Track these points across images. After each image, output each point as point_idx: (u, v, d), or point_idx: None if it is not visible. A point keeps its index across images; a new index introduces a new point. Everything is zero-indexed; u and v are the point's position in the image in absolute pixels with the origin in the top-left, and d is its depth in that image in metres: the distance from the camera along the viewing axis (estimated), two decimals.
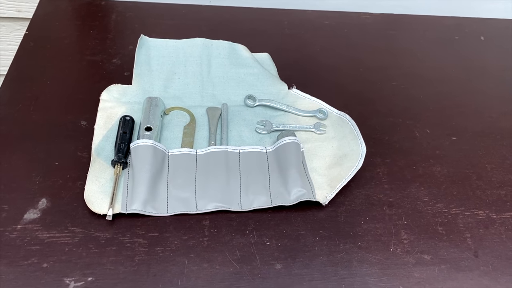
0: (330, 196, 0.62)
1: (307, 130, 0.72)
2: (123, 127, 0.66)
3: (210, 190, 0.62)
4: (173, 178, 0.63)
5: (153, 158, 0.62)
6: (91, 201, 0.58)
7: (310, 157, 0.68)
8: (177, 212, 0.59)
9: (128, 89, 0.74)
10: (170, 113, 0.72)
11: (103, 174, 0.62)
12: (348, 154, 0.68)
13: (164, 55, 0.78)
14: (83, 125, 0.69)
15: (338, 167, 0.66)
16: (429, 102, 0.81)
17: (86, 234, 0.56)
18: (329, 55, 0.89)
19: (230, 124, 0.72)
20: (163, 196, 0.61)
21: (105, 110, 0.70)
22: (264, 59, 0.84)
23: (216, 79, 0.77)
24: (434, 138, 0.75)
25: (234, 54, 0.79)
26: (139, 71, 0.76)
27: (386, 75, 0.86)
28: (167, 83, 0.76)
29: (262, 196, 0.62)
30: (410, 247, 0.60)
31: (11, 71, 0.76)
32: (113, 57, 0.81)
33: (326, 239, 0.59)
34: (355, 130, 0.70)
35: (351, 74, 0.85)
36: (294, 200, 0.61)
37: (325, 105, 0.76)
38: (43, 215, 0.58)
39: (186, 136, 0.69)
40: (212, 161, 0.65)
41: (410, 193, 0.66)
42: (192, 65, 0.78)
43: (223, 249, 0.57)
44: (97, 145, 0.65)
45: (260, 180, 0.64)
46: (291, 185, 0.62)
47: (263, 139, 0.70)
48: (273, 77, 0.79)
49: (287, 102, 0.76)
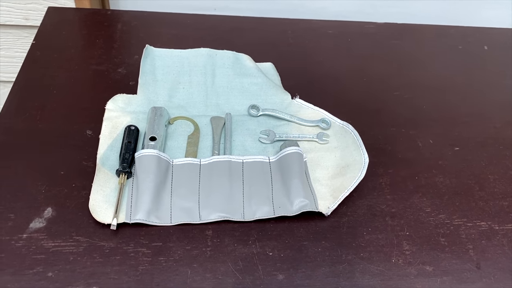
0: (332, 207, 0.63)
1: (310, 139, 0.73)
2: (128, 137, 0.67)
3: (213, 200, 0.62)
4: (176, 188, 0.63)
5: (157, 168, 0.63)
6: (95, 210, 0.59)
7: (313, 167, 0.69)
8: (180, 222, 0.60)
9: (133, 98, 0.74)
10: (175, 123, 0.73)
11: (108, 183, 0.63)
12: (351, 164, 0.68)
13: (169, 65, 0.79)
14: (88, 135, 0.70)
15: (340, 178, 0.67)
16: (432, 112, 0.81)
17: (90, 243, 0.57)
18: (333, 64, 0.89)
19: (234, 134, 0.72)
20: (167, 206, 0.61)
21: (110, 120, 0.71)
22: (268, 68, 0.84)
23: (220, 88, 0.78)
24: (437, 148, 0.75)
25: (238, 64, 0.80)
26: (144, 81, 0.77)
27: (389, 85, 0.86)
28: (171, 92, 0.77)
29: (265, 206, 0.62)
30: (412, 258, 0.60)
31: (18, 80, 0.77)
32: (118, 66, 0.82)
33: (329, 250, 0.59)
34: (358, 140, 0.71)
35: (354, 83, 0.85)
36: (296, 211, 0.62)
37: (328, 115, 0.76)
38: (49, 224, 0.58)
39: (190, 146, 0.69)
40: (216, 170, 0.65)
41: (413, 204, 0.66)
42: (197, 74, 0.79)
43: (226, 259, 0.57)
44: (102, 155, 0.65)
45: (263, 190, 0.64)
46: (294, 196, 0.63)
47: (266, 148, 0.71)
48: (276, 87, 0.79)
49: (291, 112, 0.77)
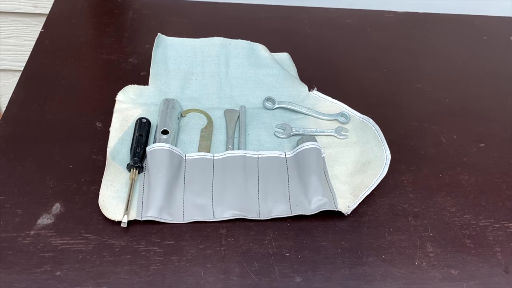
0: (352, 206, 0.60)
1: (328, 134, 0.70)
2: (139, 130, 0.64)
3: (227, 196, 0.60)
4: (189, 184, 0.61)
5: (169, 162, 0.60)
6: (105, 207, 0.57)
7: (331, 163, 0.66)
8: (193, 220, 0.57)
9: (144, 90, 0.72)
10: (187, 115, 0.70)
11: (118, 178, 0.60)
12: (372, 160, 0.65)
13: (181, 55, 0.76)
14: (98, 127, 0.67)
15: (361, 175, 0.63)
16: (455, 106, 0.78)
17: (100, 241, 0.55)
18: (351, 55, 0.86)
19: (248, 128, 0.69)
20: (179, 203, 0.59)
21: (121, 112, 0.68)
22: (283, 59, 0.81)
23: (234, 80, 0.75)
24: (461, 144, 0.71)
25: (253, 54, 0.77)
26: (156, 71, 0.74)
27: (410, 77, 0.82)
28: (184, 83, 0.74)
29: (281, 204, 0.59)
30: (437, 261, 0.57)
31: (26, 70, 0.75)
32: (129, 56, 0.80)
33: (348, 251, 0.56)
34: (379, 136, 0.68)
35: (374, 75, 0.82)
36: (314, 210, 0.59)
37: (347, 108, 0.73)
38: (57, 220, 0.56)
39: (203, 140, 0.67)
40: (230, 166, 0.63)
41: (436, 203, 0.63)
42: (210, 65, 0.76)
43: (241, 260, 0.55)
44: (112, 148, 0.63)
45: (279, 187, 0.61)
46: (312, 193, 0.60)
47: (282, 143, 0.68)
48: (293, 78, 0.76)
49: (308, 105, 0.73)
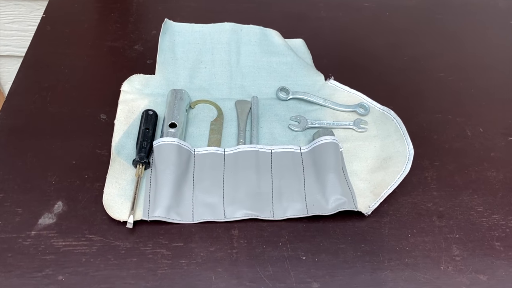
0: (373, 206, 0.56)
1: (346, 127, 0.65)
2: (146, 123, 0.61)
3: (239, 195, 0.56)
4: (199, 181, 0.57)
5: (177, 158, 0.57)
6: (110, 206, 0.53)
7: (349, 158, 0.62)
8: (203, 220, 0.54)
9: (151, 79, 0.68)
10: (196, 107, 0.66)
11: (124, 175, 0.57)
12: (393, 156, 0.61)
13: (189, 42, 0.72)
14: (102, 119, 0.64)
15: (382, 172, 0.59)
16: (481, 96, 0.73)
17: (104, 243, 0.51)
18: (370, 41, 0.81)
19: (261, 120, 0.65)
20: (189, 201, 0.55)
21: (126, 103, 0.64)
22: (298, 46, 0.77)
23: (245, 68, 0.71)
24: (488, 138, 0.67)
25: (266, 41, 0.73)
26: (163, 59, 0.70)
27: (433, 65, 0.77)
28: (193, 72, 0.70)
29: (297, 204, 0.56)
30: (464, 265, 0.53)
31: (27, 58, 0.71)
32: (135, 43, 0.76)
33: (369, 255, 0.53)
34: (401, 129, 0.63)
35: (394, 63, 0.77)
36: (332, 210, 0.55)
37: (366, 98, 0.69)
38: (59, 220, 0.53)
39: (213, 133, 0.63)
40: (241, 162, 0.59)
41: (462, 202, 0.59)
42: (220, 52, 0.71)
43: (254, 264, 0.51)
44: (117, 143, 0.59)
45: (294, 185, 0.57)
46: (330, 192, 0.56)
47: (297, 137, 0.64)
48: (308, 67, 0.72)
49: (324, 95, 0.69)
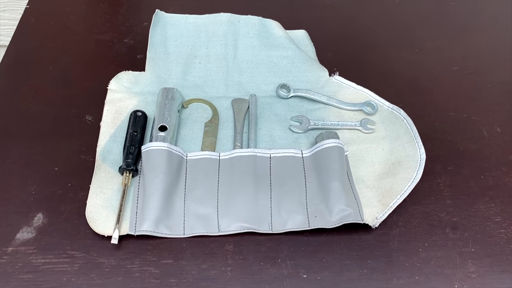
0: (381, 217, 0.51)
1: (352, 128, 0.60)
2: (134, 126, 0.56)
3: (235, 205, 0.51)
4: (191, 190, 0.52)
5: (168, 165, 0.52)
6: (94, 219, 0.49)
7: (355, 163, 0.57)
8: (195, 234, 0.50)
9: (140, 76, 0.63)
10: (189, 106, 0.61)
11: (109, 183, 0.52)
12: (403, 161, 0.56)
13: (183, 34, 0.67)
14: (88, 121, 0.59)
15: (390, 178, 0.54)
16: (499, 92, 0.67)
17: (87, 260, 0.47)
18: (378, 32, 0.75)
19: (260, 121, 0.60)
20: (180, 213, 0.51)
21: (114, 103, 0.60)
22: (300, 38, 0.71)
23: (243, 63, 0.66)
24: (507, 139, 0.62)
25: (265, 33, 0.67)
26: (154, 55, 0.65)
27: (446, 58, 0.72)
28: (186, 69, 0.64)
29: (298, 215, 0.51)
30: (480, 284, 0.48)
31: (9, 53, 0.67)
32: (124, 36, 0.70)
33: (376, 272, 0.48)
34: (412, 130, 0.58)
35: (404, 56, 0.72)
36: (336, 222, 0.50)
37: (374, 96, 0.63)
38: (39, 234, 0.49)
39: (207, 136, 0.58)
40: (238, 168, 0.54)
41: (478, 211, 0.54)
42: (216, 46, 0.66)
43: (250, 283, 0.47)
44: (103, 147, 0.55)
45: (295, 194, 0.53)
46: (334, 202, 0.51)
47: (298, 139, 0.59)
48: (311, 61, 0.66)
49: (328, 93, 0.64)
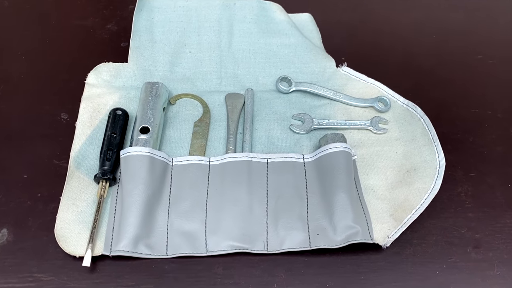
0: (393, 236, 0.44)
1: (361, 127, 0.53)
2: (112, 127, 0.49)
3: (225, 220, 0.45)
4: (176, 201, 0.46)
5: (149, 173, 0.45)
6: (64, 236, 0.43)
7: (365, 169, 0.50)
8: (180, 254, 0.43)
9: (122, 68, 0.56)
10: (177, 103, 0.54)
11: (83, 194, 0.46)
12: (419, 167, 0.49)
13: (171, 20, 0.59)
14: (63, 119, 0.53)
15: (404, 188, 0.48)
16: None
17: (56, 285, 0.41)
18: (391, 17, 0.68)
19: (256, 119, 0.53)
20: (162, 229, 0.45)
21: (91, 100, 0.53)
22: (304, 22, 0.64)
23: (239, 53, 0.58)
24: None
25: (264, 17, 0.60)
26: (138, 43, 0.58)
27: (469, 45, 0.65)
28: (174, 59, 0.57)
29: (297, 232, 0.45)
30: None
31: None
32: (107, 21, 0.64)
33: None
34: (430, 132, 0.51)
35: (421, 43, 0.64)
36: (342, 241, 0.44)
37: (386, 90, 0.56)
38: (2, 253, 0.43)
39: (196, 137, 0.51)
40: (230, 175, 0.47)
41: (505, 227, 0.47)
42: (208, 33, 0.59)
43: None
44: (77, 152, 0.48)
45: (294, 207, 0.46)
46: (339, 217, 0.45)
47: (300, 141, 0.52)
48: (315, 50, 0.59)
49: (335, 86, 0.56)
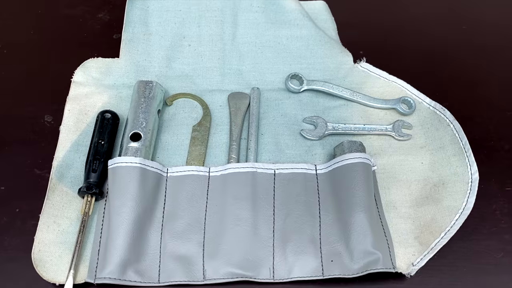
0: (419, 263, 0.39)
1: (382, 133, 0.47)
2: (100, 132, 0.44)
3: (226, 242, 0.40)
4: (171, 219, 0.41)
5: (140, 188, 0.40)
6: (42, 261, 0.38)
7: (386, 182, 0.44)
8: (173, 282, 0.38)
9: (113, 64, 0.51)
10: (174, 103, 0.49)
11: (66, 211, 0.41)
12: (448, 181, 0.43)
13: (168, 9, 0.54)
14: (47, 122, 0.48)
15: (432, 206, 0.42)
16: None
17: None
18: (416, 6, 0.61)
19: (263, 123, 0.48)
20: (154, 253, 0.39)
21: (78, 101, 0.47)
22: (318, 11, 0.59)
23: (244, 46, 0.53)
24: None
25: (273, 5, 0.56)
26: (131, 35, 0.52)
27: (502, 38, 0.59)
28: (171, 53, 0.52)
29: (308, 258, 0.39)
30: None
31: None
32: (99, 10, 0.59)
33: None
34: (461, 140, 0.45)
35: (448, 35, 0.58)
36: (359, 269, 0.38)
37: (410, 89, 0.51)
38: None
39: (194, 144, 0.46)
40: (232, 189, 0.42)
41: None
42: (210, 24, 0.54)
43: None
44: (61, 160, 0.43)
45: (305, 226, 0.41)
46: (357, 241, 0.39)
47: (312, 148, 0.46)
48: (331, 43, 0.53)
49: (352, 85, 0.51)
